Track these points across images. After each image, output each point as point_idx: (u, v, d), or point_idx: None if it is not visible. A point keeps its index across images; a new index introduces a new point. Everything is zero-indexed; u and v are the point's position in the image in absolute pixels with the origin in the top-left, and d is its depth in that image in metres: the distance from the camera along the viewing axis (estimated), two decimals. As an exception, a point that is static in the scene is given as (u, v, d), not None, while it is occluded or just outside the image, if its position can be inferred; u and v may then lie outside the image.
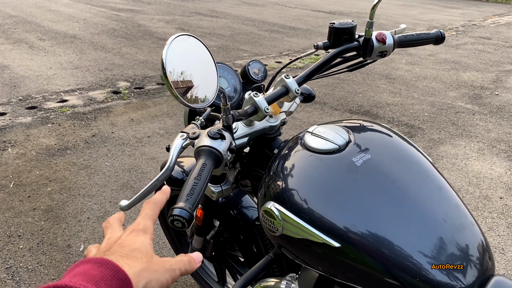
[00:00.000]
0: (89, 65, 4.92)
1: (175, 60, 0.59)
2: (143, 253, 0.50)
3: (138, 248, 0.50)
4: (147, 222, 0.55)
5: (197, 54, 0.63)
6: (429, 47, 6.51)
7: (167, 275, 0.51)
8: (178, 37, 0.61)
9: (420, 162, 0.94)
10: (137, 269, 0.48)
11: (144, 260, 0.49)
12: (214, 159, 0.76)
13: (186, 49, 0.61)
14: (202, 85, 0.63)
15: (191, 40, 0.62)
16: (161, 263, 0.51)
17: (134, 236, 0.52)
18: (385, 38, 1.06)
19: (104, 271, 0.44)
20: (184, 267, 0.54)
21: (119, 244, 0.51)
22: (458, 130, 3.59)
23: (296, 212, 0.86)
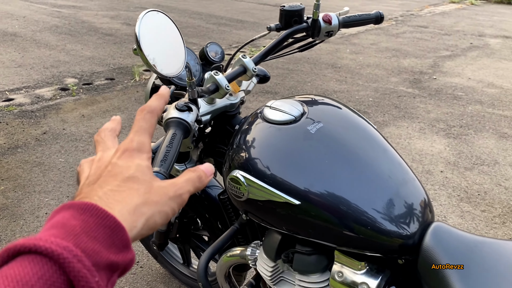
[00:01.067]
0: (33, 63, 4.77)
1: (147, 34, 0.66)
2: (139, 181, 0.41)
3: (132, 176, 0.41)
4: (142, 138, 0.45)
5: (166, 29, 0.69)
6: (371, 36, 6.80)
7: (172, 204, 0.43)
8: (148, 13, 0.67)
9: (366, 128, 1.05)
10: (133, 206, 0.39)
11: (141, 191, 0.41)
12: (183, 129, 0.83)
13: (156, 24, 0.67)
14: (171, 57, 0.70)
15: (160, 15, 0.68)
16: (163, 190, 0.43)
17: (127, 159, 0.43)
18: (330, 19, 1.17)
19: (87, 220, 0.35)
20: (194, 186, 0.46)
21: (110, 172, 0.42)
22: (400, 113, 3.81)
23: (259, 176, 0.94)
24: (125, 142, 0.45)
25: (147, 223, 0.40)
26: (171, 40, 0.70)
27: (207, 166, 0.49)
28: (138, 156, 0.43)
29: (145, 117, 0.47)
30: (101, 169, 0.43)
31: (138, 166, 0.42)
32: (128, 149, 0.44)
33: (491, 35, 7.06)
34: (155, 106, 0.48)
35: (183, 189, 0.44)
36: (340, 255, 0.99)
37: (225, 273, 1.31)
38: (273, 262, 1.09)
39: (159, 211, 0.41)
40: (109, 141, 0.49)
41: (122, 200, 0.39)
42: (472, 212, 2.44)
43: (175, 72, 0.70)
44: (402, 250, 0.91)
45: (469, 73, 5.00)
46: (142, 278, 1.93)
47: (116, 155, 0.43)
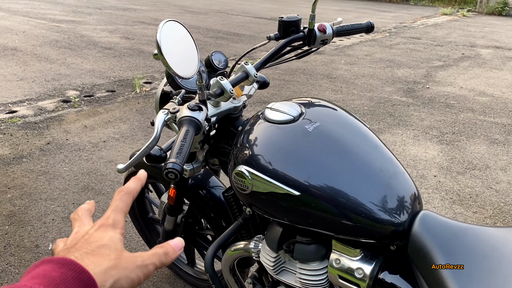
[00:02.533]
0: (34, 76, 4.87)
1: (166, 40, 0.75)
2: (111, 249, 0.47)
3: (106, 244, 0.47)
4: (117, 216, 0.51)
5: (181, 36, 0.79)
6: (365, 47, 6.95)
7: (138, 272, 0.48)
8: (167, 22, 0.77)
9: (359, 127, 1.14)
10: (104, 267, 0.45)
11: (112, 257, 0.46)
12: (195, 126, 0.92)
13: (173, 32, 0.77)
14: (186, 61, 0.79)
15: (176, 25, 0.78)
16: (131, 259, 0.48)
17: (103, 232, 0.49)
18: (325, 28, 1.27)
19: (65, 273, 0.41)
20: (160, 260, 0.50)
21: (86, 240, 0.47)
22: (395, 120, 3.92)
23: (262, 171, 1.03)
24: (102, 219, 0.51)
25: (114, 285, 0.45)
26: (186, 47, 0.79)
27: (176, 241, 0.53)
28: (112, 230, 0.49)
29: (122, 198, 0.52)
30: (78, 239, 0.48)
31: (111, 238, 0.48)
32: (104, 224, 0.50)
33: (482, 46, 7.23)
34: (132, 188, 0.54)
35: (149, 261, 0.49)
36: (337, 244, 1.08)
37: (230, 266, 1.40)
38: (275, 253, 1.18)
39: (126, 276, 0.46)
40: (86, 219, 0.53)
41: (95, 261, 0.45)
42: (464, 214, 2.53)
43: (190, 74, 0.80)
44: (394, 236, 1.00)
45: (461, 82, 5.13)
46: (148, 279, 2.00)
47: (93, 228, 0.49)
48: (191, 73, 0.80)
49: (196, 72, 0.83)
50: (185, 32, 0.80)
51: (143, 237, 2.01)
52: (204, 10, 10.87)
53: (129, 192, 0.53)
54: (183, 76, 0.79)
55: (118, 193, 0.53)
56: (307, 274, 1.13)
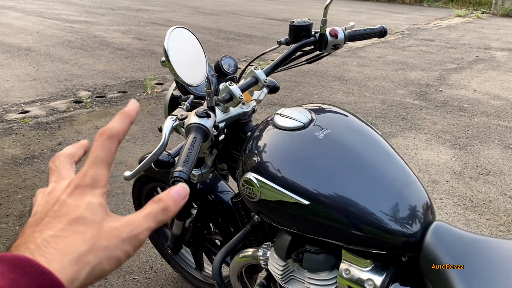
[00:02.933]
0: (47, 77, 4.91)
1: (174, 47, 0.74)
2: (87, 223, 0.36)
3: (80, 217, 0.36)
4: (98, 171, 0.39)
5: (189, 43, 0.78)
6: (378, 49, 6.89)
7: (125, 247, 0.37)
8: (175, 29, 0.76)
9: (371, 134, 1.12)
10: (76, 254, 0.34)
11: (88, 234, 0.35)
12: (203, 133, 0.91)
13: (181, 39, 0.76)
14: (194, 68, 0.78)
15: (185, 31, 0.76)
16: (114, 232, 0.37)
17: (78, 197, 0.37)
18: (337, 33, 1.25)
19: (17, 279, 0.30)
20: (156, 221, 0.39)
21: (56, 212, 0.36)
22: (407, 124, 3.87)
23: (271, 178, 1.01)
24: (78, 176, 0.39)
25: (92, 273, 0.35)
26: (194, 54, 0.78)
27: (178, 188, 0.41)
28: (91, 192, 0.38)
29: (103, 144, 0.40)
30: (48, 206, 0.37)
31: (88, 205, 0.37)
32: (80, 184, 0.38)
33: (497, 48, 7.12)
34: (117, 129, 0.41)
35: (140, 228, 0.38)
36: (347, 254, 1.05)
37: (237, 273, 1.38)
38: (284, 261, 1.16)
39: (108, 257, 0.36)
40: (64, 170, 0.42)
41: (63, 248, 0.34)
42: (477, 221, 2.48)
43: (197, 82, 0.78)
44: (405, 248, 0.98)
45: (475, 86, 5.06)
46: (156, 282, 1.99)
47: (67, 191, 0.38)
48: (199, 81, 0.79)
49: (204, 80, 0.81)
50: (193, 39, 0.79)
51: (151, 240, 2.00)
52: (216, 11, 10.89)
53: (111, 135, 0.40)
54: (190, 84, 0.78)
55: (99, 137, 0.40)
56: (316, 284, 1.11)
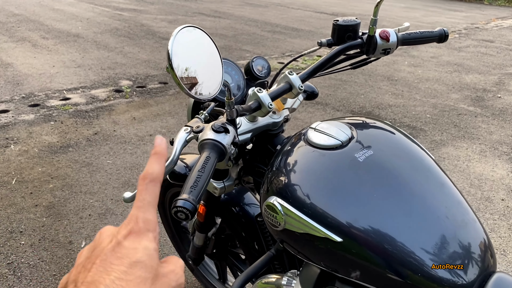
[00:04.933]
0: (91, 64, 4.94)
1: (181, 51, 0.60)
2: (146, 269, 0.37)
3: (139, 261, 0.37)
4: (147, 215, 0.40)
5: (202, 46, 0.63)
6: (431, 49, 6.51)
7: None
8: (184, 29, 0.62)
9: (422, 159, 0.94)
10: None
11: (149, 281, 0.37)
12: (218, 152, 0.76)
13: (191, 41, 0.62)
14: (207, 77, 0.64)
15: (196, 32, 0.62)
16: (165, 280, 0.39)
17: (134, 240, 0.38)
18: (388, 36, 1.07)
19: None
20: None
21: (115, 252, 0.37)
22: (460, 132, 3.59)
23: (298, 206, 0.86)
24: (128, 221, 0.39)
25: None
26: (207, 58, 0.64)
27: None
28: (145, 236, 0.39)
29: (148, 188, 0.41)
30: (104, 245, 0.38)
31: (145, 249, 0.38)
32: (134, 230, 0.39)
33: None
34: (157, 172, 0.42)
35: (182, 278, 0.41)
36: (384, 299, 0.89)
37: (258, 300, 1.24)
38: (310, 297, 1.01)
39: None
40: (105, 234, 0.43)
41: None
42: (536, 248, 2.22)
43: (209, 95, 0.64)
44: (456, 303, 0.80)
45: (538, 93, 4.65)
46: (177, 290, 1.89)
47: (122, 233, 0.39)
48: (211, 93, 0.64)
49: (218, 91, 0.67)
50: (207, 41, 0.65)
51: (174, 245, 1.90)
52: (264, 3, 10.71)
53: (153, 179, 0.41)
54: (198, 98, 0.64)
55: (142, 182, 0.41)
56: (345, 329, 0.95)
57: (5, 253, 2.03)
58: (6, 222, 2.23)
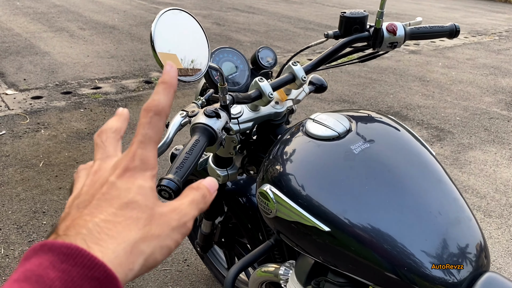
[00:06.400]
0: (124, 55, 5.06)
1: (165, 34, 0.62)
2: (140, 209, 0.34)
3: (132, 201, 0.34)
4: (147, 152, 0.36)
5: (188, 30, 0.65)
6: (468, 50, 6.32)
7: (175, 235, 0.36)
8: (169, 11, 0.63)
9: (421, 154, 0.93)
10: (130, 242, 0.32)
11: (141, 222, 0.33)
12: (208, 136, 0.78)
13: (177, 24, 0.63)
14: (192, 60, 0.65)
15: (182, 15, 0.64)
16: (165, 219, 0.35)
17: (127, 180, 0.35)
18: (395, 29, 1.05)
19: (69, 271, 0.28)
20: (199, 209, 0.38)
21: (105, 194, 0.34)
22: (490, 136, 3.48)
23: (289, 195, 0.87)
24: (126, 157, 0.36)
25: (145, 263, 0.33)
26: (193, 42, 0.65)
27: (210, 181, 0.40)
28: (141, 175, 0.35)
29: (152, 122, 0.36)
30: (95, 188, 0.35)
31: (139, 188, 0.35)
32: (129, 167, 0.35)
33: None
34: (163, 104, 0.37)
35: (187, 216, 0.36)
36: (374, 293, 0.88)
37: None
38: (303, 287, 1.01)
39: (161, 246, 0.34)
40: (111, 146, 0.39)
41: (117, 235, 0.32)
42: (559, 258, 2.13)
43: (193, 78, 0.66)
44: (445, 300, 0.79)
45: None
46: (187, 277, 1.92)
47: (115, 172, 0.35)
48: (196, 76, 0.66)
49: (202, 74, 0.68)
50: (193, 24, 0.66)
51: (187, 233, 1.93)
52: None
53: (159, 111, 0.36)
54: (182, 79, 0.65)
55: (145, 114, 0.36)
56: (336, 320, 0.95)
57: (27, 232, 2.12)
58: (31, 202, 2.33)
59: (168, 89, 0.37)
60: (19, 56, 4.72)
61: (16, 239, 2.06)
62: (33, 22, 6.31)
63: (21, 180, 2.51)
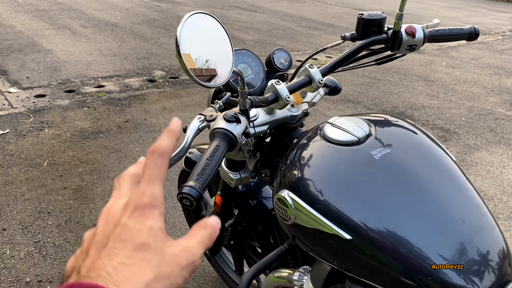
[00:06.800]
0: (127, 53, 5.03)
1: (190, 37, 0.60)
2: (152, 250, 0.36)
3: (144, 243, 0.36)
4: (154, 189, 0.38)
5: (213, 33, 0.63)
6: (472, 50, 6.30)
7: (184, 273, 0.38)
8: (194, 15, 0.61)
9: (442, 160, 0.91)
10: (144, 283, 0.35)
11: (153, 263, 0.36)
12: (228, 141, 0.76)
13: (202, 28, 0.61)
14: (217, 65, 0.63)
15: (207, 18, 0.62)
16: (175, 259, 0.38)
17: (138, 219, 0.37)
18: (414, 32, 1.03)
19: None
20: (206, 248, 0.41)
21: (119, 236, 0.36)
22: (496, 137, 3.46)
23: (309, 201, 0.85)
24: (135, 195, 0.38)
25: None
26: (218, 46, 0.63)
27: (215, 220, 0.43)
28: (150, 213, 0.38)
29: (157, 163, 0.40)
30: (109, 228, 0.38)
31: (150, 230, 0.37)
32: (139, 205, 0.38)
33: None
34: (166, 147, 0.41)
35: (196, 255, 0.39)
36: (394, 301, 0.86)
37: (269, 294, 1.23)
38: (319, 294, 0.99)
39: (171, 284, 0.36)
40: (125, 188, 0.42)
41: (132, 276, 0.34)
42: None
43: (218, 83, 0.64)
44: (468, 310, 0.77)
45: None
46: (194, 279, 1.91)
47: (126, 212, 0.38)
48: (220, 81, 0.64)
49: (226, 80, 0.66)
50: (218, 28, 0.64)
51: (194, 234, 1.92)
52: (302, -2, 10.63)
53: (162, 153, 0.40)
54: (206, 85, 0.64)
55: (151, 155, 0.40)
56: (353, 328, 0.93)
57: (32, 232, 2.10)
58: (36, 202, 2.31)
59: (172, 136, 0.42)
60: (21, 54, 4.70)
61: (22, 240, 2.05)
62: (35, 19, 6.28)
63: (26, 180, 2.50)
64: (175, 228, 2.19)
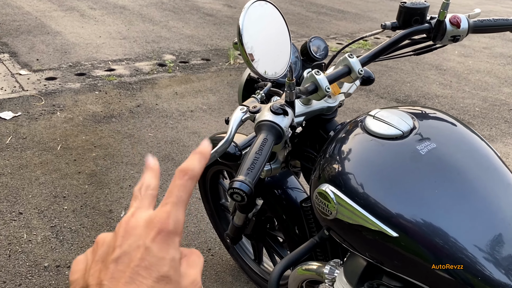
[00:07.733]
0: (136, 36, 4.98)
1: (251, 26, 0.57)
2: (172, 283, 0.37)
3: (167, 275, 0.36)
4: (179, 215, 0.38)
5: (272, 23, 0.60)
6: (484, 39, 6.21)
7: None
8: (256, 3, 0.58)
9: (488, 156, 0.88)
10: None
11: None
12: (276, 134, 0.74)
13: (262, 16, 0.58)
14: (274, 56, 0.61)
15: (268, 6, 0.59)
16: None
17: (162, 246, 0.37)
18: (459, 22, 1.00)
19: None
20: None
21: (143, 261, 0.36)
22: (510, 128, 3.42)
23: (352, 197, 0.83)
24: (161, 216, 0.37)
25: None
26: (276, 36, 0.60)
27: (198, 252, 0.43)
28: (173, 242, 0.37)
29: (186, 185, 0.39)
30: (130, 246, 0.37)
31: (172, 261, 0.37)
32: (163, 230, 0.37)
33: None
34: (197, 170, 0.40)
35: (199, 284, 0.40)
36: (435, 299, 0.85)
37: (298, 286, 1.22)
38: (354, 288, 0.98)
39: None
40: (146, 200, 0.41)
41: None
42: None
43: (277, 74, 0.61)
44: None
45: None
46: (212, 267, 1.90)
47: (150, 234, 0.37)
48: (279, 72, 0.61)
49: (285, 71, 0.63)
50: (277, 17, 0.61)
51: (212, 222, 1.91)
52: (311, -17, 10.47)
53: (193, 176, 0.39)
54: (267, 77, 0.61)
55: (181, 176, 0.39)
56: (390, 325, 0.92)
57: (49, 216, 2.09)
58: (51, 186, 2.30)
59: (202, 159, 0.41)
60: (30, 36, 4.65)
61: (38, 224, 2.04)
62: (42, 0, 6.20)
63: (40, 164, 2.48)
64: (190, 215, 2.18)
